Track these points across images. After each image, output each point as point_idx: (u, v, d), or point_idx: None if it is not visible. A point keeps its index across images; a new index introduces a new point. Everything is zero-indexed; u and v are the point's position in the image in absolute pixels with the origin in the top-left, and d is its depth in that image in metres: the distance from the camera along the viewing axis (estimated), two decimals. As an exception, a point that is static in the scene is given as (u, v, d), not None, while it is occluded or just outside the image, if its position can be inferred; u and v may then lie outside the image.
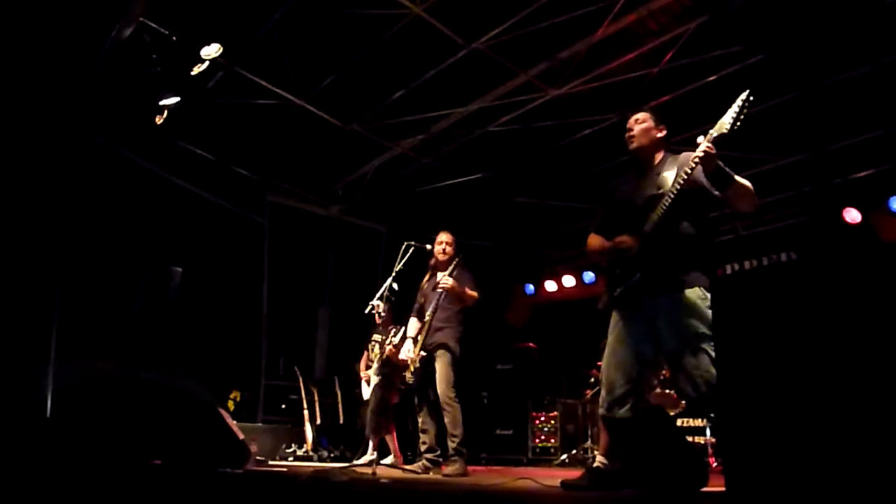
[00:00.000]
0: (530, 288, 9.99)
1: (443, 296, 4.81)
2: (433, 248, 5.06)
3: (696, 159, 2.90)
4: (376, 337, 6.34)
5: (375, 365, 6.17)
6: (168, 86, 5.56)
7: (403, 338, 5.03)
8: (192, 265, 7.19)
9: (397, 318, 5.80)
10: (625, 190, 3.35)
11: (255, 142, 7.27)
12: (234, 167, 7.67)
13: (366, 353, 6.48)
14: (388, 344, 5.82)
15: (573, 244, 8.84)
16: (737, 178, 2.95)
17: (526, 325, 9.83)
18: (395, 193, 8.33)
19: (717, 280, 3.03)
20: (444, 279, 4.71)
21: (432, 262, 5.04)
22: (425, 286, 5.24)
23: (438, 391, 4.65)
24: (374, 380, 6.08)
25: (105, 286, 5.86)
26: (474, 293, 4.88)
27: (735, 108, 2.81)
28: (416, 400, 4.92)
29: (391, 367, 5.74)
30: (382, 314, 5.27)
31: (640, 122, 3.30)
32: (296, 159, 7.62)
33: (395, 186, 8.18)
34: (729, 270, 7.39)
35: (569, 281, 9.49)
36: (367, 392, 6.28)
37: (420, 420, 4.86)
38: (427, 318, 4.87)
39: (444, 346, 4.76)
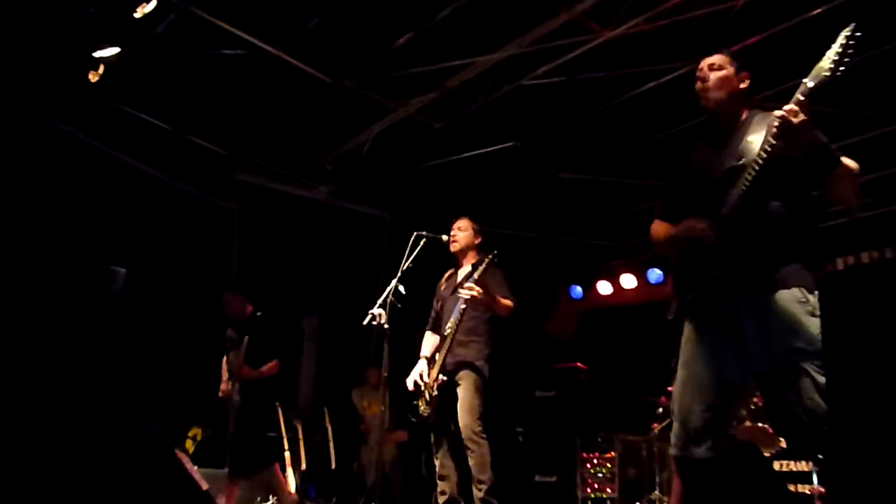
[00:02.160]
0: (578, 291, 10.01)
1: (464, 306, 4.82)
2: (449, 239, 5.15)
3: (777, 125, 2.87)
4: None
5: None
6: (105, 32, 5.56)
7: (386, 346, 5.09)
8: (140, 263, 7.44)
9: (403, 330, 5.92)
10: (698, 161, 3.32)
11: (220, 105, 7.31)
12: (193, 138, 7.73)
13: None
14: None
15: (633, 233, 8.81)
16: (843, 159, 2.93)
17: (572, 339, 9.87)
18: (400, 169, 8.34)
19: (824, 278, 3.01)
20: (466, 286, 4.74)
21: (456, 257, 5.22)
22: (443, 288, 5.32)
23: (461, 425, 4.70)
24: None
25: (27, 291, 5.95)
26: (508, 302, 4.94)
27: (836, 48, 2.75)
28: (431, 437, 4.94)
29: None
30: (385, 326, 5.28)
31: (716, 69, 3.24)
32: (272, 127, 7.67)
33: (401, 160, 8.19)
34: (841, 265, 7.44)
35: (628, 281, 9.46)
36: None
37: (437, 463, 4.87)
38: (447, 330, 4.93)
39: (468, 366, 4.84)
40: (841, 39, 2.74)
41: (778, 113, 2.86)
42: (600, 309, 9.83)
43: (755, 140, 3.05)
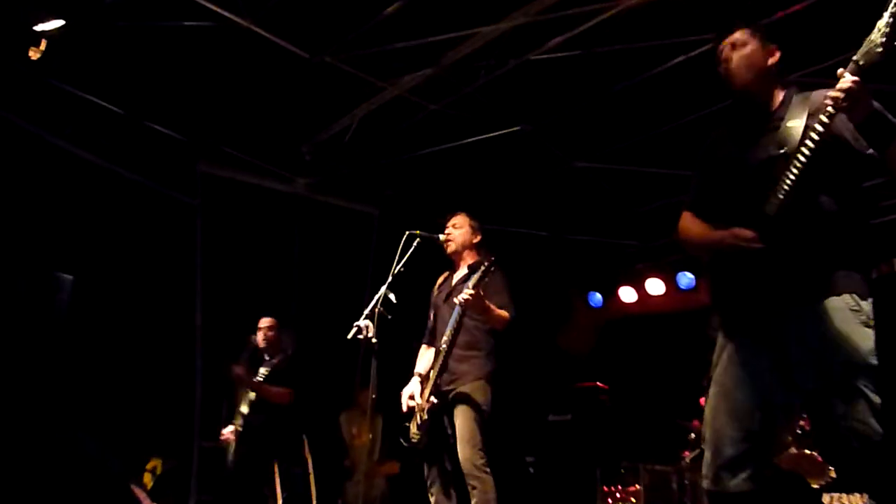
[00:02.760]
0: (597, 298, 10.10)
1: (461, 312, 4.86)
2: (444, 238, 5.25)
3: (833, 102, 2.87)
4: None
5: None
6: (47, 2, 5.56)
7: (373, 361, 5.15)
8: (90, 269, 7.40)
9: (395, 345, 5.94)
10: (730, 147, 3.35)
11: (181, 86, 7.32)
12: (150, 123, 7.74)
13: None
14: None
15: (661, 231, 8.87)
16: None
17: (591, 354, 9.88)
18: (390, 159, 8.36)
19: (878, 281, 3.01)
20: (464, 291, 4.77)
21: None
22: (436, 295, 5.42)
23: (460, 456, 4.71)
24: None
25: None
26: (503, 312, 5.00)
27: (887, 18, 2.76)
28: (425, 469, 4.97)
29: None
30: (373, 341, 5.27)
31: (738, 47, 3.26)
32: (242, 111, 7.67)
33: (392, 148, 8.20)
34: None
35: (655, 286, 9.53)
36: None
37: (432, 499, 4.88)
38: (442, 344, 4.94)
39: (466, 387, 4.85)
40: (892, 8, 2.74)
41: (832, 94, 2.85)
42: (623, 319, 9.86)
43: (797, 125, 3.07)
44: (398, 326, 5.13)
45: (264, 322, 7.23)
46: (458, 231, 5.35)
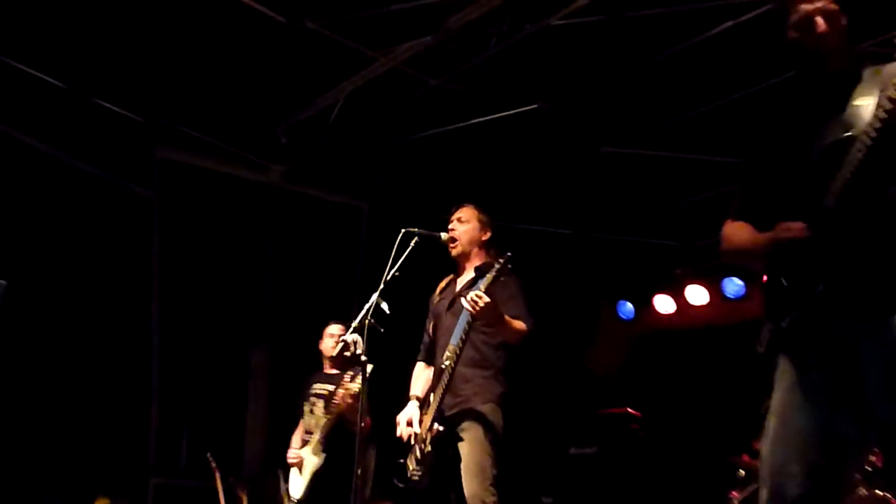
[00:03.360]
0: (628, 308, 10.16)
1: (470, 322, 4.84)
2: (447, 237, 5.27)
3: None
4: (320, 387, 6.70)
5: (316, 436, 6.52)
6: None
7: (364, 382, 5.10)
8: (26, 273, 7.21)
9: (389, 364, 5.81)
10: (788, 136, 3.28)
11: (136, 56, 7.26)
12: (99, 100, 7.68)
13: (301, 419, 6.88)
14: (342, 392, 6.16)
15: (703, 229, 8.79)
16: None
17: (620, 375, 9.90)
18: (383, 142, 8.35)
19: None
20: (471, 294, 4.73)
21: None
22: (437, 302, 5.45)
23: (466, 492, 4.70)
24: (313, 464, 6.41)
25: None
26: (518, 323, 4.97)
27: None
28: (425, 510, 5.14)
29: (345, 433, 6.05)
30: (363, 359, 5.19)
31: (828, 6, 3.20)
32: (206, 86, 7.63)
33: (385, 130, 8.20)
34: None
35: (697, 295, 9.55)
36: (297, 486, 6.58)
37: (434, 546, 5.04)
38: (444, 361, 4.92)
39: (474, 412, 4.86)
40: None
41: None
42: (658, 333, 9.89)
43: (866, 103, 3.01)
44: (393, 341, 5.05)
45: (337, 329, 7.03)
46: (464, 227, 5.35)
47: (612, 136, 8.14)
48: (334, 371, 6.77)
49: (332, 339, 6.93)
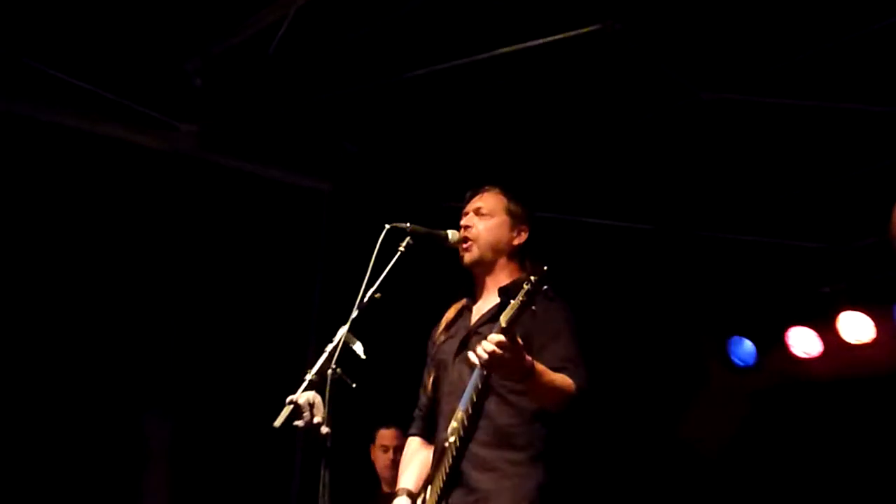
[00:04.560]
0: (748, 349, 9.97)
1: (485, 376, 4.63)
2: (459, 237, 5.11)
3: None
4: None
5: None
6: None
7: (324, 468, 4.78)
8: None
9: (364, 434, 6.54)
10: None
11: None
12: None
13: None
14: None
15: (868, 223, 8.37)
16: None
17: (732, 451, 10.00)
18: (356, 86, 7.85)
19: None
20: (486, 341, 4.38)
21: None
22: (440, 343, 5.32)
23: None
24: None
25: None
26: (567, 381, 4.67)
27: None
28: None
29: None
30: (324, 430, 4.89)
31: None
32: (79, 3, 7.21)
33: (357, 66, 7.68)
34: None
35: (857, 326, 9.14)
36: None
37: None
38: (449, 437, 4.75)
39: None
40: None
41: None
42: (793, 386, 9.67)
43: None
44: (370, 402, 5.59)
45: (389, 436, 7.49)
46: (484, 223, 5.14)
47: (718, 75, 7.75)
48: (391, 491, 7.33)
49: (385, 451, 7.53)
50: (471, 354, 4.57)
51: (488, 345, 4.38)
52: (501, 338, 4.36)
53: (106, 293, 8.49)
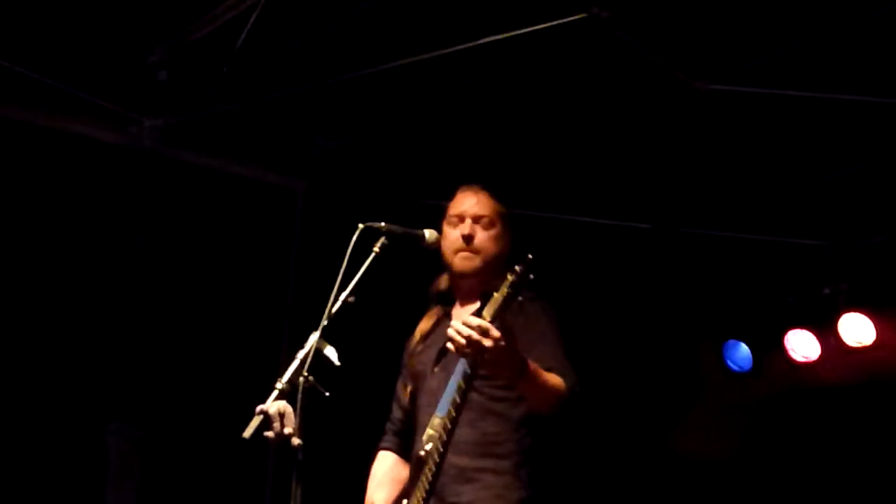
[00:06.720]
0: (744, 354, 9.92)
1: (468, 376, 4.49)
2: (438, 241, 5.08)
3: None
4: None
5: None
6: None
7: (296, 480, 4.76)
8: None
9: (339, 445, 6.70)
10: None
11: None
12: None
13: None
14: None
15: (871, 222, 8.43)
16: None
17: (730, 461, 10.11)
18: (329, 78, 7.86)
19: None
20: (461, 321, 4.30)
21: (441, 285, 5.23)
22: (416, 353, 5.33)
23: None
24: None
25: None
26: (556, 380, 4.60)
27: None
28: None
29: None
30: (296, 442, 4.96)
31: None
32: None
33: (331, 57, 7.68)
34: None
35: (859, 328, 9.09)
36: None
37: None
38: (426, 445, 4.70)
39: None
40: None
41: None
42: (793, 394, 9.71)
43: None
44: (345, 412, 5.69)
45: None
46: (488, 233, 5.12)
47: (716, 65, 7.77)
48: None
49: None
50: (450, 332, 4.41)
51: (464, 328, 4.29)
52: (483, 322, 4.29)
53: (67, 294, 8.55)
